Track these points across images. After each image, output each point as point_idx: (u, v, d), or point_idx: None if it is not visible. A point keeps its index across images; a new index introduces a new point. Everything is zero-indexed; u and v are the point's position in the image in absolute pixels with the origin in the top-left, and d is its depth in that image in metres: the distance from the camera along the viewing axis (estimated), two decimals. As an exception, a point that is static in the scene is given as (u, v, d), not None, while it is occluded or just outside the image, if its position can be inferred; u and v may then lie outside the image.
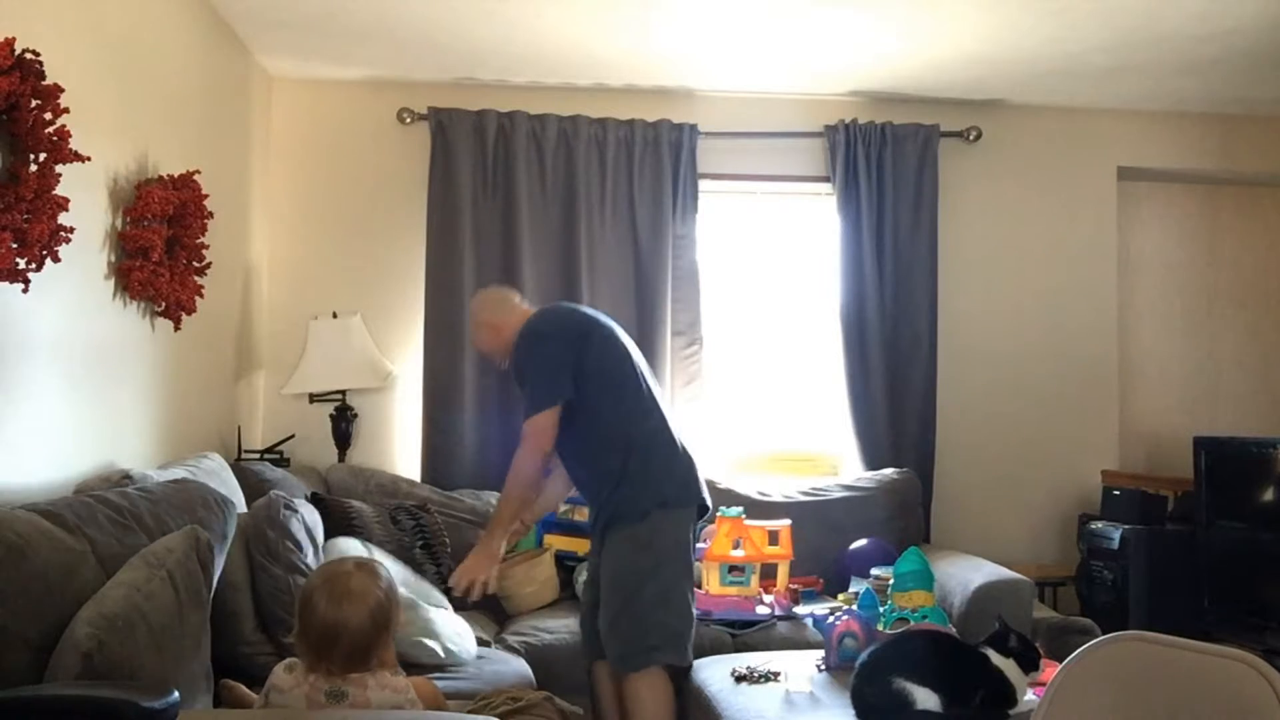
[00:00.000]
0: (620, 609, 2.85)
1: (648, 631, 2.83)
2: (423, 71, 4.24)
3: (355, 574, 1.92)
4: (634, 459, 2.92)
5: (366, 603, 1.87)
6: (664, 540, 2.90)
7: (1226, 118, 4.66)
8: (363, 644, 1.87)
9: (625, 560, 2.88)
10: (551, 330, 2.98)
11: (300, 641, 1.90)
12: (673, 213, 4.31)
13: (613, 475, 2.92)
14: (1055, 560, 4.44)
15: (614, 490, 2.91)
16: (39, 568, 1.72)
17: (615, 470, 2.91)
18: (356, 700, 1.85)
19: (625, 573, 2.87)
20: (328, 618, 1.85)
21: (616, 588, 2.87)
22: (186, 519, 2.19)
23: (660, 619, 2.84)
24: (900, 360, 4.38)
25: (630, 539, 2.89)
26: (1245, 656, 1.40)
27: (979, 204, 4.57)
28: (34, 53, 2.17)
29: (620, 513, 2.90)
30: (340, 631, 1.85)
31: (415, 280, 4.25)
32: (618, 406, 2.95)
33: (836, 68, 4.16)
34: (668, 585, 2.86)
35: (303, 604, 1.90)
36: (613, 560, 2.90)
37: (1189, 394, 4.83)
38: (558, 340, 2.95)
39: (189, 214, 3.07)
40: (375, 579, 1.93)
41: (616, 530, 2.90)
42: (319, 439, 4.16)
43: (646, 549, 2.87)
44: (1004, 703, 2.40)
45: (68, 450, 2.58)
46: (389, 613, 1.91)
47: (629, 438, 2.93)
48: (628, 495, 2.90)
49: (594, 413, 2.93)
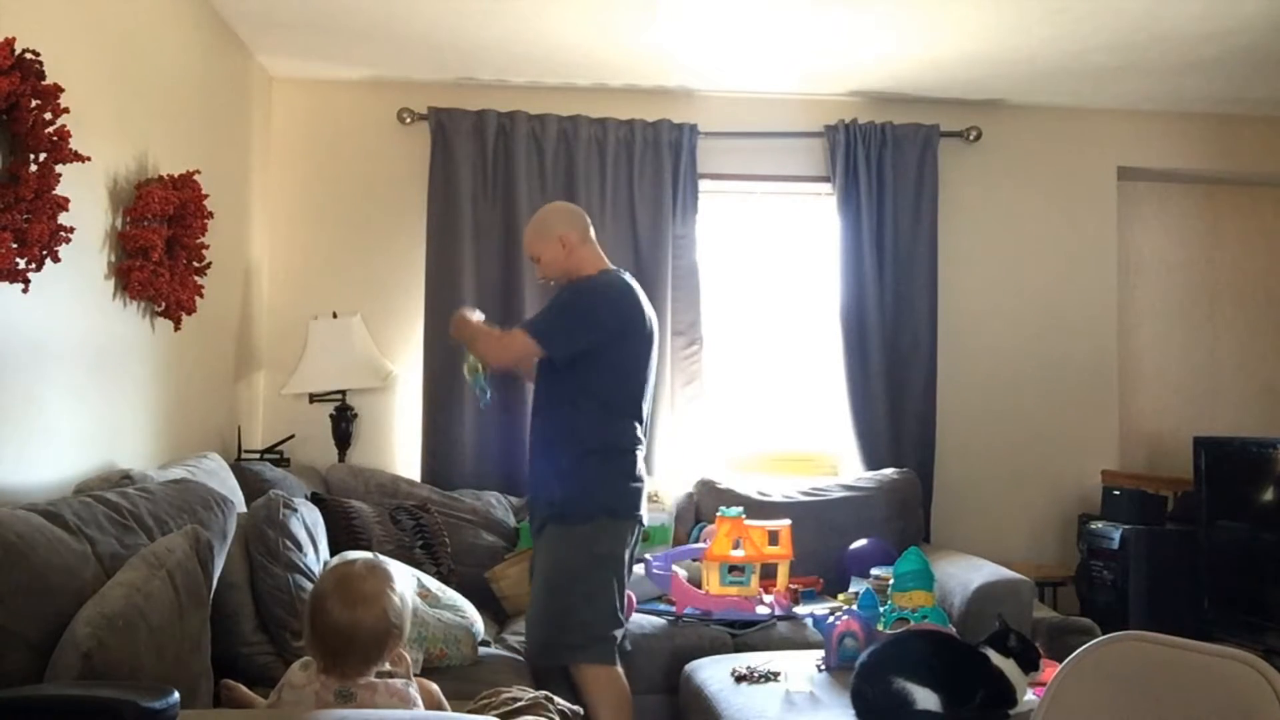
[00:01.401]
0: (546, 602, 2.89)
1: (570, 629, 2.86)
2: (423, 71, 4.24)
3: (367, 577, 1.92)
4: (595, 462, 2.93)
5: (380, 603, 1.88)
6: (602, 547, 2.92)
7: (1226, 118, 4.66)
8: (376, 645, 1.88)
9: (559, 556, 2.91)
10: (606, 305, 2.97)
11: (313, 645, 1.90)
12: (673, 213, 4.31)
13: (566, 473, 2.92)
14: (1055, 560, 4.45)
15: (563, 487, 2.91)
16: (39, 568, 1.72)
17: (571, 468, 2.92)
18: (364, 702, 1.86)
19: (557, 569, 2.90)
20: (341, 621, 1.86)
21: (545, 581, 2.91)
22: (186, 519, 2.19)
23: (584, 618, 2.86)
24: (900, 360, 4.38)
25: (568, 538, 2.91)
26: (1245, 656, 1.40)
27: (979, 204, 4.57)
28: (34, 53, 2.17)
29: (564, 512, 2.91)
30: (354, 634, 1.86)
31: (415, 280, 4.25)
32: (606, 409, 2.95)
33: (836, 68, 4.16)
34: (595, 588, 2.89)
35: (314, 607, 1.90)
36: (547, 555, 2.93)
37: (1189, 394, 4.83)
38: (603, 317, 2.95)
39: (189, 214, 3.07)
40: (387, 580, 1.94)
41: (556, 527, 2.92)
42: (319, 439, 4.16)
43: (582, 550, 2.90)
44: (1004, 703, 2.40)
45: (68, 450, 2.58)
46: (401, 613, 1.93)
47: (601, 442, 2.94)
48: (575, 497, 2.91)
49: (582, 403, 2.94)
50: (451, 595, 3.08)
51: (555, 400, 2.98)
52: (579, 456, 2.93)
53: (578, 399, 2.95)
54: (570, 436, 2.95)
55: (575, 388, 2.94)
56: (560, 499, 2.92)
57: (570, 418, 2.96)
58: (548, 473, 2.98)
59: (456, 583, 3.36)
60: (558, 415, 2.98)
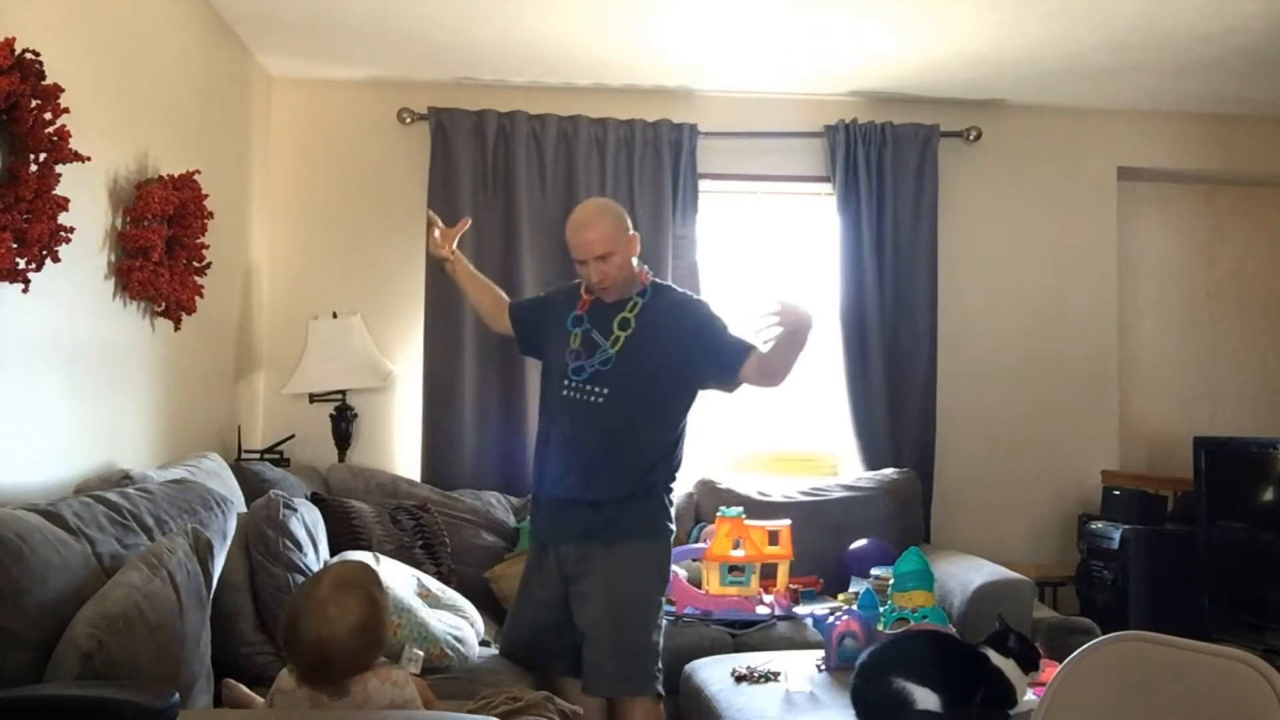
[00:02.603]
0: (633, 631, 2.72)
1: (653, 659, 2.74)
2: (423, 71, 4.24)
3: (331, 596, 1.86)
4: (666, 473, 2.83)
5: (346, 623, 1.84)
6: (667, 569, 2.87)
7: (1226, 118, 4.66)
8: (350, 660, 1.85)
9: (643, 582, 2.76)
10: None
11: (291, 662, 1.89)
12: (673, 213, 4.31)
13: (659, 489, 2.80)
14: (1055, 560, 4.44)
15: (632, 496, 2.76)
16: (39, 568, 1.72)
17: (664, 485, 2.81)
18: (358, 696, 1.85)
19: (643, 595, 2.75)
20: (309, 640, 1.83)
21: (632, 608, 2.73)
22: (186, 519, 2.19)
23: (659, 648, 2.77)
24: (900, 360, 4.38)
25: (650, 560, 2.78)
26: (1245, 656, 1.41)
27: (979, 204, 4.57)
28: (34, 53, 2.17)
29: (634, 527, 2.75)
30: (327, 653, 1.83)
31: (415, 280, 4.24)
32: (685, 421, 2.90)
33: (836, 68, 4.16)
34: (660, 614, 2.82)
35: (288, 629, 1.87)
36: (630, 579, 2.74)
37: (1189, 394, 4.83)
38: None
39: (189, 214, 3.07)
40: (352, 595, 1.87)
41: (629, 544, 2.74)
42: (319, 439, 4.16)
43: (661, 573, 2.82)
44: (1004, 703, 2.40)
45: (68, 450, 2.58)
46: (374, 629, 1.88)
47: (678, 455, 2.86)
48: (649, 509, 2.78)
49: (684, 423, 2.87)
50: (451, 595, 3.08)
51: (661, 414, 2.83)
52: (671, 472, 2.85)
53: (683, 418, 2.87)
54: (672, 453, 2.85)
55: (689, 405, 2.87)
56: (627, 507, 2.75)
57: (674, 434, 2.85)
58: (615, 471, 2.77)
59: (456, 583, 3.36)
60: (661, 431, 2.82)
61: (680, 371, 2.81)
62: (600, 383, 2.78)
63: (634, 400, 2.77)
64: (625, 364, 2.78)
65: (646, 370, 2.78)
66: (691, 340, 2.81)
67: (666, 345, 2.80)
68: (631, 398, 2.76)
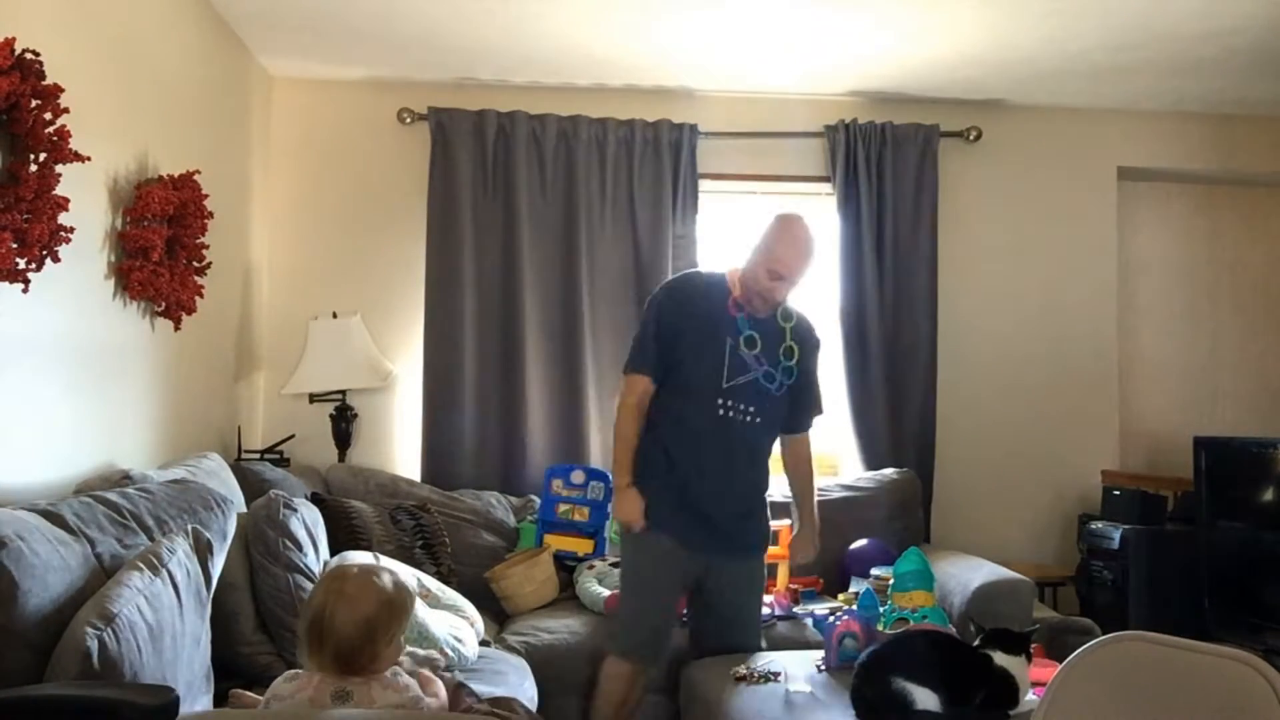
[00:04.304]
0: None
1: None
2: (423, 71, 4.24)
3: (362, 577, 1.90)
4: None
5: (361, 608, 1.85)
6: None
7: (1226, 118, 4.66)
8: (353, 648, 1.85)
9: (761, 585, 3.18)
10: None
11: (313, 651, 1.88)
12: (673, 213, 4.31)
13: (765, 494, 3.16)
14: (1055, 560, 4.45)
15: (765, 509, 3.13)
16: (39, 568, 1.72)
17: (765, 489, 3.15)
18: (361, 700, 1.85)
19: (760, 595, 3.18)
20: (319, 616, 1.85)
21: (758, 605, 3.17)
22: (186, 519, 2.19)
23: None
24: (900, 360, 4.38)
25: (762, 569, 3.18)
26: (1245, 656, 1.40)
27: (979, 204, 4.57)
28: (34, 53, 2.17)
29: (765, 539, 3.15)
30: (329, 631, 1.84)
31: (415, 280, 4.24)
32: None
33: (836, 68, 4.16)
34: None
35: (314, 621, 1.87)
36: (759, 582, 3.15)
37: (1189, 394, 4.83)
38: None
39: (189, 214, 3.07)
40: (375, 574, 1.92)
41: (758, 556, 3.13)
42: (319, 439, 4.16)
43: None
44: (1004, 703, 2.40)
45: (68, 450, 2.58)
46: (388, 619, 1.89)
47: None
48: (768, 521, 3.16)
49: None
50: (451, 595, 3.08)
51: (771, 440, 3.12)
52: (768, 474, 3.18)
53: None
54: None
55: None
56: (765, 520, 3.14)
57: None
58: (759, 486, 3.12)
59: (456, 583, 3.36)
60: (767, 455, 3.13)
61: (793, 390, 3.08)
62: (759, 401, 3.00)
63: (777, 416, 3.06)
64: (784, 385, 3.04)
65: (790, 389, 3.07)
66: (810, 375, 3.17)
67: (802, 367, 3.10)
68: (776, 414, 3.06)
